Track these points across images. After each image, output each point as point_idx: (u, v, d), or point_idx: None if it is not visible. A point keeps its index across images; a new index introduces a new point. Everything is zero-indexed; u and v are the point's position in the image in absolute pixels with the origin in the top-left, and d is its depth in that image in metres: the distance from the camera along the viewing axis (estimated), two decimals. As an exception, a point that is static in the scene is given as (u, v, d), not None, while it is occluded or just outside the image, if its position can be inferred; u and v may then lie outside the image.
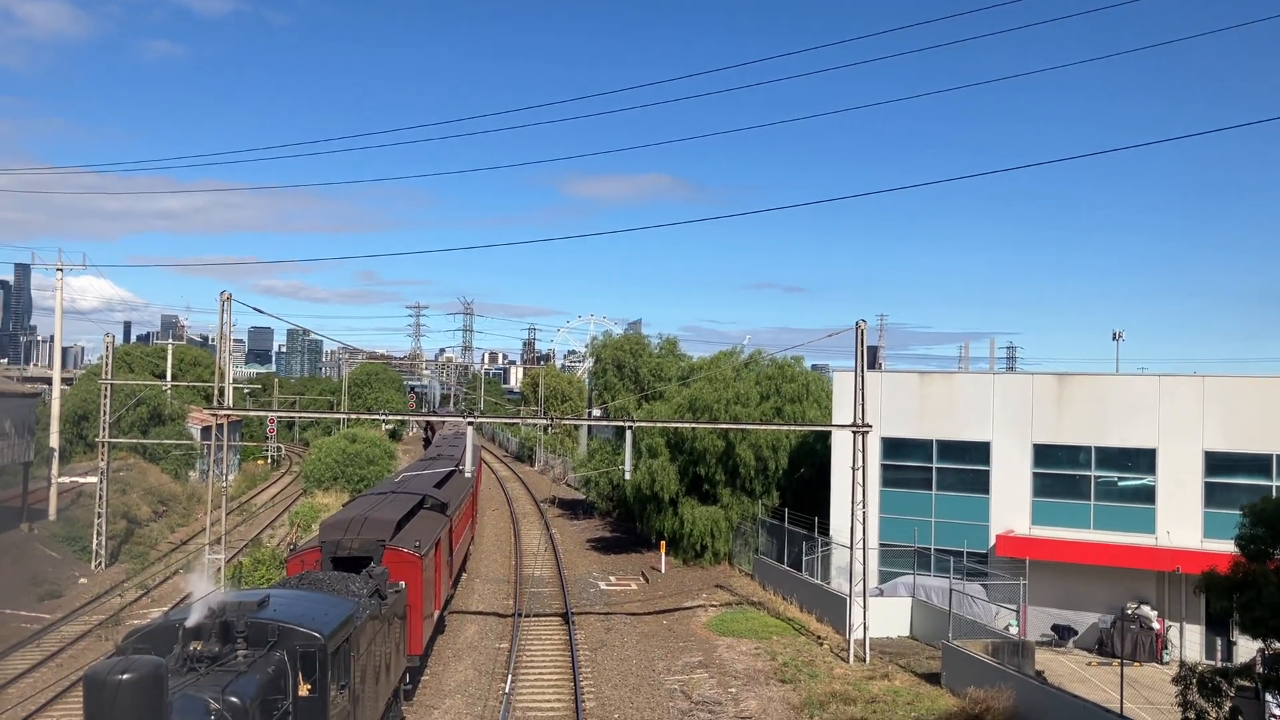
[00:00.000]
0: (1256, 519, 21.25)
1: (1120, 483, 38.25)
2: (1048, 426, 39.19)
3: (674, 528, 48.41)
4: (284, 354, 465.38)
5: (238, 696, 15.27)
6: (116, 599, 43.20)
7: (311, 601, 19.88)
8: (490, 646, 35.10)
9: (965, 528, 39.83)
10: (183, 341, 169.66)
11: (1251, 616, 20.26)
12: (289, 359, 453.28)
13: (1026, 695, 26.76)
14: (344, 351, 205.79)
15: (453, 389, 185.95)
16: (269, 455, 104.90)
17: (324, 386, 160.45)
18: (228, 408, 37.28)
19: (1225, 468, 36.50)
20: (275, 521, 65.38)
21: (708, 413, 48.17)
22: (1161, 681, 29.26)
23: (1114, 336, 66.29)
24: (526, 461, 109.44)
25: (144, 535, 56.66)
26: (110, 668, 12.96)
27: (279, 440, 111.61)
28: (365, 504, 35.41)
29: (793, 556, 42.19)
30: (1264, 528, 21.03)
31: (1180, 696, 22.15)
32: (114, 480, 57.11)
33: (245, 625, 16.98)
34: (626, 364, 67.09)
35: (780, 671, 31.95)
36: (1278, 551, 20.83)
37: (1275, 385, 36.51)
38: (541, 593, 44.17)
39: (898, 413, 41.66)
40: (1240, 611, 20.82)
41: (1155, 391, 37.74)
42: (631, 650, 34.74)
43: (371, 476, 68.56)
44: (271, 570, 40.13)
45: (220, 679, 15.67)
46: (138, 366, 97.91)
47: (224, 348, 38.41)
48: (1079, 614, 37.62)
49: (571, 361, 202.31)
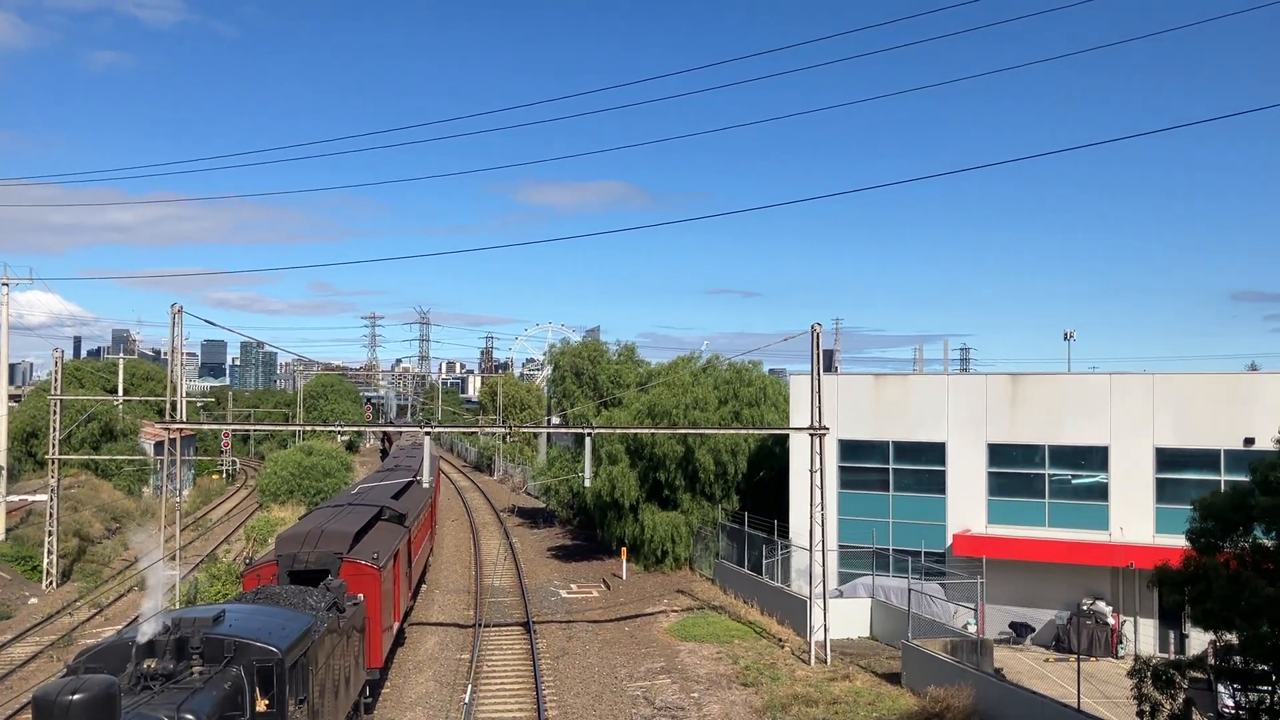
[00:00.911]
0: (1206, 513, 21.60)
1: (1074, 480, 38.76)
2: (1002, 426, 39.64)
3: (635, 534, 48.39)
4: (238, 367, 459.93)
5: (193, 714, 15.06)
6: (68, 618, 42.47)
7: (268, 616, 19.66)
8: (451, 657, 34.87)
9: (923, 528, 40.16)
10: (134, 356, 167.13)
11: (1203, 609, 20.58)
12: (243, 372, 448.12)
13: (986, 693, 27.00)
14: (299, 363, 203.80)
15: (410, 399, 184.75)
16: (224, 470, 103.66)
17: (279, 399, 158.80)
18: (181, 422, 36.76)
19: (1176, 464, 37.11)
20: (231, 536, 64.60)
21: (667, 418, 48.22)
22: (1117, 675, 29.62)
23: (1066, 336, 67.00)
24: (486, 471, 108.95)
25: (96, 553, 55.75)
26: (61, 688, 12.72)
27: (234, 454, 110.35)
28: (322, 516, 35.08)
29: (753, 560, 42.32)
30: (1214, 521, 21.37)
31: (1135, 690, 22.44)
32: (65, 498, 56.17)
33: (200, 641, 16.76)
34: (585, 371, 67.03)
35: (742, 675, 32.01)
36: (1227, 545, 21.20)
37: (1223, 382, 37.21)
38: (502, 602, 43.98)
39: (854, 415, 41.96)
40: (1192, 604, 21.15)
41: (1107, 390, 38.30)
42: (594, 658, 34.66)
43: (328, 489, 67.93)
44: (228, 585, 39.64)
45: (175, 697, 15.45)
46: (88, 382, 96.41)
47: (176, 361, 37.83)
48: (1036, 611, 38.05)
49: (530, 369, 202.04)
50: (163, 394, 79.88)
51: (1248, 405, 35.80)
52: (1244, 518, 20.97)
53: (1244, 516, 20.96)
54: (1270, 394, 35.55)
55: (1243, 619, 19.69)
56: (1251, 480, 21.30)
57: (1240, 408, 35.88)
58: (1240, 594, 19.82)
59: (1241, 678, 20.63)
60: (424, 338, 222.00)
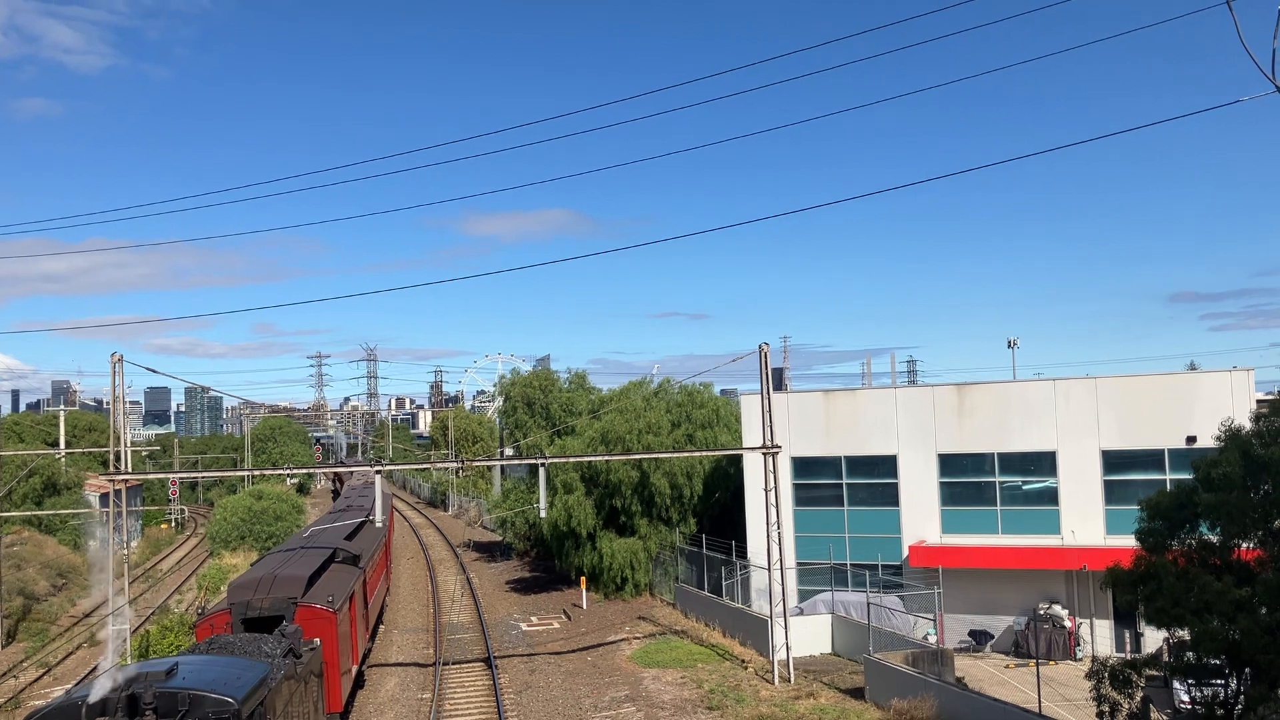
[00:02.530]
0: (1153, 512, 22.02)
1: (1024, 486, 39.26)
2: (951, 436, 40.08)
3: (593, 562, 48.18)
4: (183, 413, 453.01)
5: (148, 771, 14.71)
6: (14, 680, 41.36)
7: (223, 666, 19.29)
8: (412, 698, 34.42)
9: (878, 541, 40.41)
10: (75, 407, 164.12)
11: (1155, 607, 20.94)
12: (189, 418, 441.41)
13: (948, 702, 27.17)
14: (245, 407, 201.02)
15: (360, 438, 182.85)
16: (173, 519, 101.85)
17: (226, 444, 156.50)
18: (126, 473, 36.07)
19: (1122, 465, 37.75)
20: (183, 586, 63.38)
21: (620, 444, 48.16)
22: (1076, 678, 29.97)
23: (1009, 344, 68.06)
24: (440, 506, 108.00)
25: (43, 611, 54.43)
26: (9, 753, 12.40)
27: (182, 502, 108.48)
28: (274, 561, 34.53)
29: (713, 582, 42.31)
30: (1161, 520, 21.80)
31: (1094, 691, 22.75)
32: (7, 556, 54.82)
33: (153, 696, 16.38)
34: (537, 400, 66.87)
35: (707, 699, 31.93)
36: (1175, 542, 21.60)
37: (1163, 383, 37.95)
38: (462, 639, 43.51)
39: (806, 432, 42.21)
40: (1144, 603, 21.52)
41: (1051, 395, 38.90)
42: (557, 690, 34.39)
43: (280, 533, 66.94)
44: (180, 637, 38.85)
45: (129, 755, 15.09)
46: (28, 436, 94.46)
47: (118, 410, 37.16)
48: (994, 618, 38.39)
49: (481, 402, 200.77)
50: (106, 444, 78.44)
51: (1188, 404, 36.54)
52: (1190, 515, 21.42)
53: (1190, 514, 21.41)
54: (1209, 392, 36.32)
55: (1193, 615, 20.06)
56: (1195, 478, 21.75)
57: (1181, 407, 36.61)
58: (1189, 591, 20.21)
59: (1195, 673, 20.99)
60: (371, 374, 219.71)
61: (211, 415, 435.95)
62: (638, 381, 59.47)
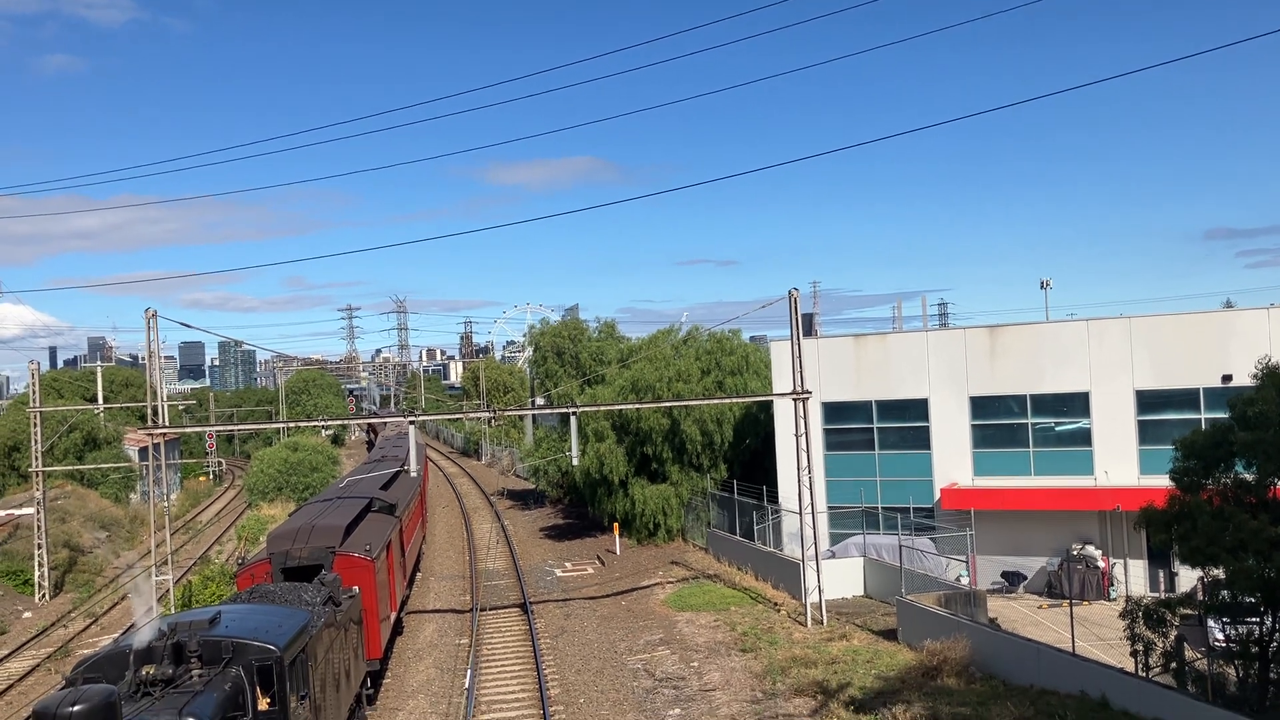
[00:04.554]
0: (1188, 452, 21.86)
1: (1057, 428, 39.07)
2: (983, 378, 39.88)
3: (625, 509, 48.54)
4: (217, 367, 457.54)
5: (195, 717, 15.06)
6: (63, 630, 42.35)
7: (264, 614, 19.66)
8: (450, 643, 34.99)
9: (910, 484, 40.44)
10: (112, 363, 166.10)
11: (1190, 546, 20.86)
12: (223, 372, 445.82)
13: (981, 643, 27.29)
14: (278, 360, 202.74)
15: (392, 389, 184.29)
16: (210, 471, 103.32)
17: (261, 397, 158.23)
18: (163, 426, 36.58)
19: (1156, 405, 37.45)
20: (222, 537, 64.47)
21: (650, 392, 48.26)
22: (1110, 618, 29.99)
23: (1042, 285, 67.23)
24: (473, 456, 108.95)
25: (88, 562, 55.53)
26: (60, 700, 12.72)
27: (219, 455, 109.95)
28: (312, 512, 35.03)
29: (744, 527, 42.55)
30: (1195, 460, 21.63)
31: (1128, 630, 22.79)
32: (52, 509, 55.88)
33: (198, 644, 16.73)
34: (566, 350, 66.96)
35: (740, 641, 32.25)
36: (1210, 482, 21.45)
37: (1199, 321, 37.49)
38: (498, 585, 44.09)
39: (836, 377, 42.12)
40: (1178, 543, 21.43)
41: (1085, 336, 38.56)
42: (592, 634, 34.83)
43: (316, 484, 67.80)
44: (221, 587, 39.55)
45: (176, 701, 15.44)
46: (67, 392, 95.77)
47: (154, 365, 37.58)
48: (1027, 559, 38.42)
49: (511, 352, 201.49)
50: (143, 399, 79.50)
51: (1224, 342, 36.12)
52: (1225, 454, 21.24)
53: (1225, 453, 21.23)
54: (1246, 330, 35.87)
55: (1228, 554, 19.98)
56: (1231, 416, 21.54)
57: (1217, 345, 36.21)
58: (1225, 529, 20.11)
59: (1230, 611, 20.94)
60: (402, 326, 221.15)
61: (245, 369, 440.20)
62: (666, 329, 59.47)
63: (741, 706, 26.43)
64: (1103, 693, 23.11)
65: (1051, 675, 24.91)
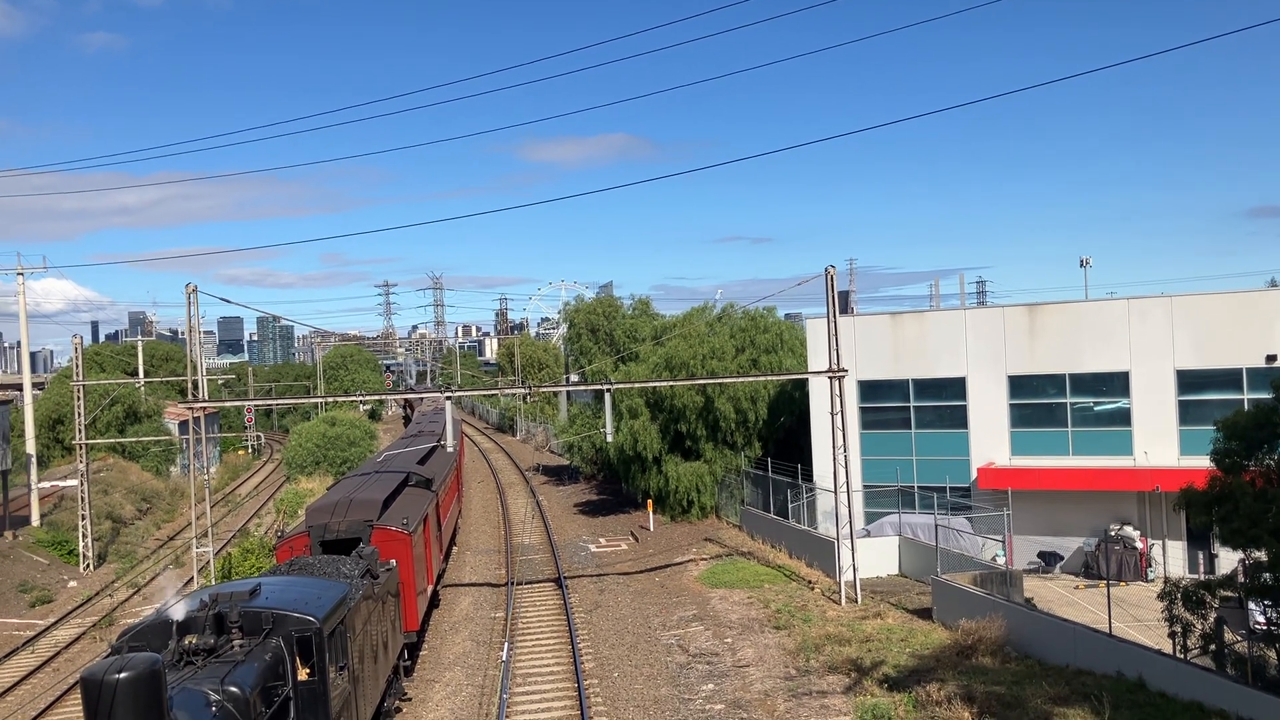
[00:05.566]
0: (1230, 432, 21.58)
1: (1096, 407, 38.69)
2: (1021, 357, 39.53)
3: (659, 486, 48.65)
4: (255, 342, 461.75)
5: (237, 686, 15.30)
6: (108, 599, 43.13)
7: (304, 586, 19.91)
8: (485, 616, 35.29)
9: (946, 463, 40.23)
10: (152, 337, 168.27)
11: (1230, 528, 20.63)
12: (261, 347, 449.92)
13: (1017, 623, 27.18)
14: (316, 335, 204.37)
15: (428, 365, 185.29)
16: (249, 445, 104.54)
17: (299, 372, 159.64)
18: (203, 400, 37.04)
19: (1197, 385, 36.97)
20: (261, 510, 65.29)
21: (684, 370, 48.24)
22: (1148, 599, 29.76)
23: (1082, 263, 66.77)
24: (508, 432, 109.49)
25: (130, 534, 56.49)
26: (106, 667, 12.94)
27: (258, 429, 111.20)
28: (350, 486, 35.39)
29: (778, 505, 42.53)
30: (1237, 440, 21.36)
31: (1166, 611, 22.62)
32: (95, 481, 56.84)
33: (239, 615, 16.98)
34: (600, 327, 67.09)
35: (774, 618, 32.29)
36: (1253, 463, 21.18)
37: (1241, 300, 36.93)
38: (533, 560, 44.39)
39: (873, 355, 41.91)
40: (1219, 524, 21.19)
41: (1125, 315, 38.10)
42: (626, 609, 35.01)
43: (354, 458, 68.48)
44: (261, 559, 40.11)
45: (218, 670, 15.69)
46: (109, 366, 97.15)
47: (194, 340, 38.05)
48: (1064, 539, 38.16)
49: (545, 329, 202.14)
50: (183, 374, 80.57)
51: (1268, 322, 35.57)
52: (1268, 435, 20.95)
53: (1268, 434, 20.94)
54: (1290, 310, 35.27)
55: (1271, 535, 19.74)
56: (1274, 397, 21.22)
57: (1261, 325, 35.66)
58: (1267, 511, 19.86)
59: (1272, 594, 20.71)
60: (438, 303, 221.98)
61: (284, 344, 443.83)
62: (701, 307, 59.41)
63: (775, 683, 26.50)
64: (1139, 674, 22.97)
65: (1088, 655, 24.78)
